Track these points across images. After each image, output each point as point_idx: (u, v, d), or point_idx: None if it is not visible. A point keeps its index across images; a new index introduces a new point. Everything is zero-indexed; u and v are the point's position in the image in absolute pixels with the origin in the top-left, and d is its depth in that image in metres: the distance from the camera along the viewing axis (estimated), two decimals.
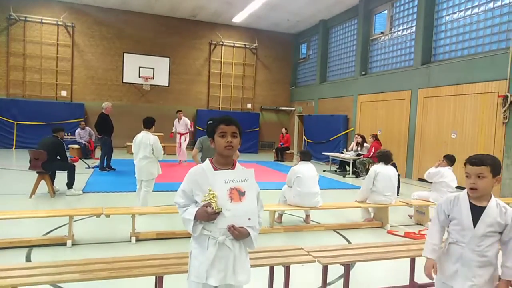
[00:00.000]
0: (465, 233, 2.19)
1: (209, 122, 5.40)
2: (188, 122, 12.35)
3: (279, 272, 3.10)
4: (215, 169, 2.02)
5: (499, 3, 9.13)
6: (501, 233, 2.17)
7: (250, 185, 1.96)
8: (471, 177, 2.18)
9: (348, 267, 3.03)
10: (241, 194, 1.94)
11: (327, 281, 3.29)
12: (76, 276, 2.46)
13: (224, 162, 2.07)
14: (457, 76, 9.80)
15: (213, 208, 1.89)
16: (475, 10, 9.75)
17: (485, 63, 9.10)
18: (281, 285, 3.08)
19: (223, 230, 1.95)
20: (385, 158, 5.94)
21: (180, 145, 12.08)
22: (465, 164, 2.24)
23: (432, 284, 3.38)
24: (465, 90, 9.56)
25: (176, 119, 12.28)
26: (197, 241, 2.03)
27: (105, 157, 10.08)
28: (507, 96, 8.41)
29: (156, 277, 2.64)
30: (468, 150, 9.01)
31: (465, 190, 2.27)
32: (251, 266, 2.13)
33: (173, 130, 12.26)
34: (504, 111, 8.49)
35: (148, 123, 6.05)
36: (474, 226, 2.16)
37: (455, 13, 10.35)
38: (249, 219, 1.95)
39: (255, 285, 3.02)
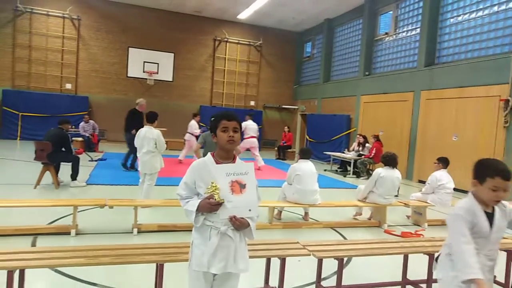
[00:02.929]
0: (480, 240, 2.16)
1: (212, 118, 5.50)
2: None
3: (275, 264, 3.19)
4: (217, 163, 2.11)
5: (503, 7, 9.16)
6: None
7: (250, 178, 2.05)
8: (500, 191, 2.12)
9: (341, 261, 3.10)
10: (242, 186, 2.03)
11: (322, 276, 3.39)
12: (81, 261, 2.58)
13: (226, 156, 2.15)
14: (459, 79, 9.85)
15: (215, 199, 1.99)
16: (480, 13, 9.78)
17: (488, 66, 9.14)
18: (276, 277, 3.17)
19: (225, 220, 2.04)
20: (391, 161, 5.85)
21: None
22: (492, 177, 2.12)
23: (423, 281, 3.50)
24: (468, 93, 9.60)
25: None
26: (199, 231, 2.11)
27: (130, 155, 9.30)
28: (508, 100, 8.46)
29: (157, 265, 2.75)
30: (469, 153, 9.07)
31: (472, 198, 2.21)
32: (249, 257, 2.22)
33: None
34: (505, 115, 8.54)
35: (151, 118, 6.17)
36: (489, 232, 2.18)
37: (460, 15, 10.38)
38: (250, 210, 2.05)
39: (252, 276, 3.11)
